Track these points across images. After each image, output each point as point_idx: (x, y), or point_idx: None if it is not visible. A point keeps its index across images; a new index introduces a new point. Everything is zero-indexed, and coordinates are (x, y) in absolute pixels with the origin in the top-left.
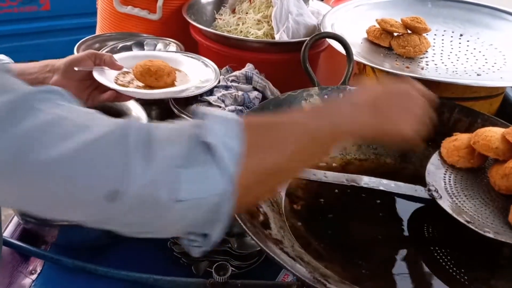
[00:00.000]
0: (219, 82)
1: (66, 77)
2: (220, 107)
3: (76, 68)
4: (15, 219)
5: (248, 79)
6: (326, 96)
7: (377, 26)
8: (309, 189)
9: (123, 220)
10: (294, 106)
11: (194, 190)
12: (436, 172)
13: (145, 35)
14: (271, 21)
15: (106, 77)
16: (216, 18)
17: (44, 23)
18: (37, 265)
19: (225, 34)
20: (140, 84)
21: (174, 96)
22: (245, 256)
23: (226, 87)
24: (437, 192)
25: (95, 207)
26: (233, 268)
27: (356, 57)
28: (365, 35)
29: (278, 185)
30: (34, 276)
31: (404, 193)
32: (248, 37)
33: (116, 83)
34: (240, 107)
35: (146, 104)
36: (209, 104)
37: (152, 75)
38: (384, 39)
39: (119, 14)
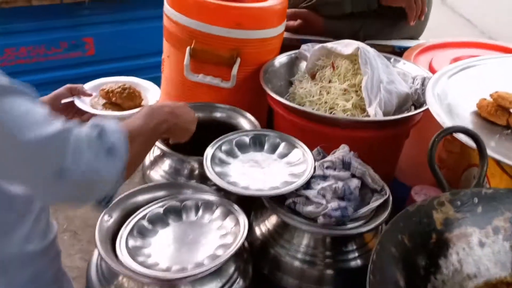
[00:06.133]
0: (314, 170)
1: (53, 109)
2: (321, 204)
3: (62, 101)
4: None
5: (346, 165)
6: (459, 203)
7: (490, 99)
8: None
9: (65, 192)
10: (425, 218)
11: (108, 174)
12: None
13: (217, 104)
14: (359, 90)
15: (83, 103)
16: (293, 84)
17: (90, 68)
18: None
19: (315, 112)
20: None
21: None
22: None
23: (324, 177)
24: None
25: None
26: None
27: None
28: (475, 108)
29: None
30: None
31: None
32: (334, 108)
33: (92, 106)
34: (343, 204)
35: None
36: (307, 199)
37: (123, 98)
38: (500, 117)
39: (189, 81)
